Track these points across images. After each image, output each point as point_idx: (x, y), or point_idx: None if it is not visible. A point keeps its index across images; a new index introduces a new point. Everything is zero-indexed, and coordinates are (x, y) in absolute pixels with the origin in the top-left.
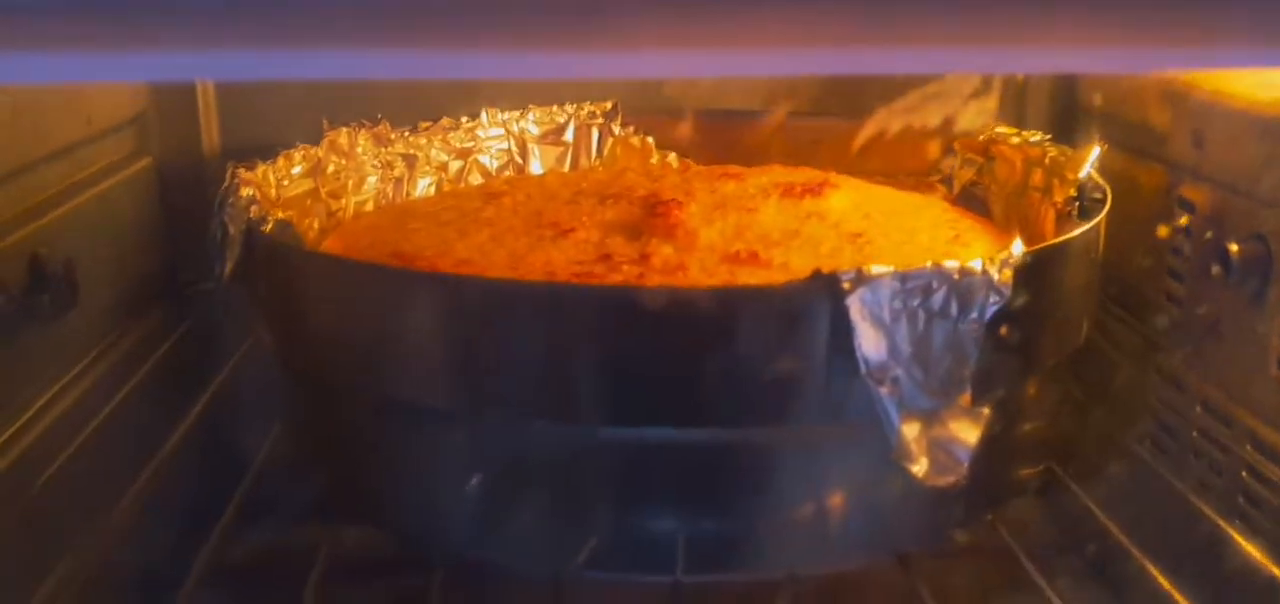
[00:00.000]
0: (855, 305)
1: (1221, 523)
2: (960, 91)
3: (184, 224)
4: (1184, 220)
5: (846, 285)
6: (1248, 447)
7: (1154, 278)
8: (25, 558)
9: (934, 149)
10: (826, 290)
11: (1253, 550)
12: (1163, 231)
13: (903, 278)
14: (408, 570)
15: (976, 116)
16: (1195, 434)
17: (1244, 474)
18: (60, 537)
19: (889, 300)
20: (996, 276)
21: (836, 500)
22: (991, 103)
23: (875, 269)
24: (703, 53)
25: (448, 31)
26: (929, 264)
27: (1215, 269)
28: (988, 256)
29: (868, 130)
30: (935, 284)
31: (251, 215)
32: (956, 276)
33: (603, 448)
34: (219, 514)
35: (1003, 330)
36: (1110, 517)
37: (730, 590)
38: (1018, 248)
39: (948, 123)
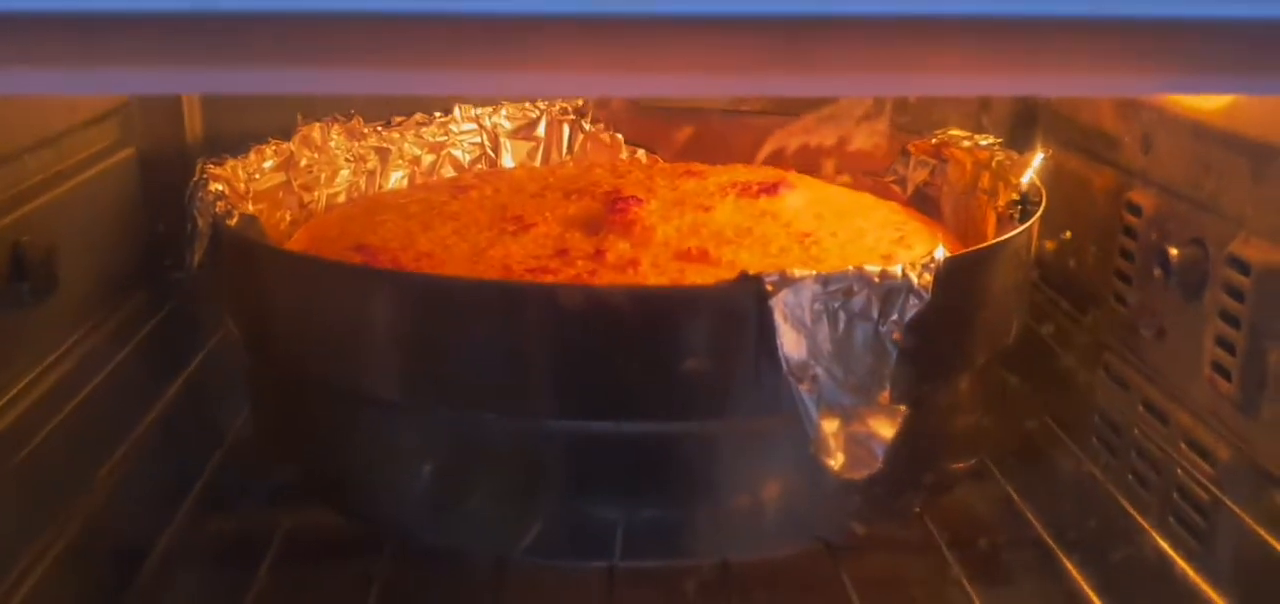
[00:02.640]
0: (778, 306)
1: (1145, 522)
2: (852, 114)
3: (165, 213)
4: (1133, 226)
5: (769, 287)
6: (1182, 445)
7: (1103, 279)
8: (3, 534)
9: (889, 152)
10: (752, 291)
11: (1177, 557)
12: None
13: (825, 280)
14: (360, 553)
15: (867, 138)
16: (1136, 432)
17: (1178, 471)
18: (38, 515)
19: (810, 302)
20: (917, 280)
21: (768, 491)
22: (882, 124)
23: (797, 272)
24: (618, 76)
25: (367, 52)
26: (851, 268)
27: (1156, 271)
28: (910, 261)
29: (768, 146)
30: (856, 287)
31: (217, 210)
32: (877, 280)
33: (549, 439)
34: (185, 495)
35: (924, 331)
36: (1036, 511)
37: (663, 576)
38: (940, 253)
39: (842, 142)
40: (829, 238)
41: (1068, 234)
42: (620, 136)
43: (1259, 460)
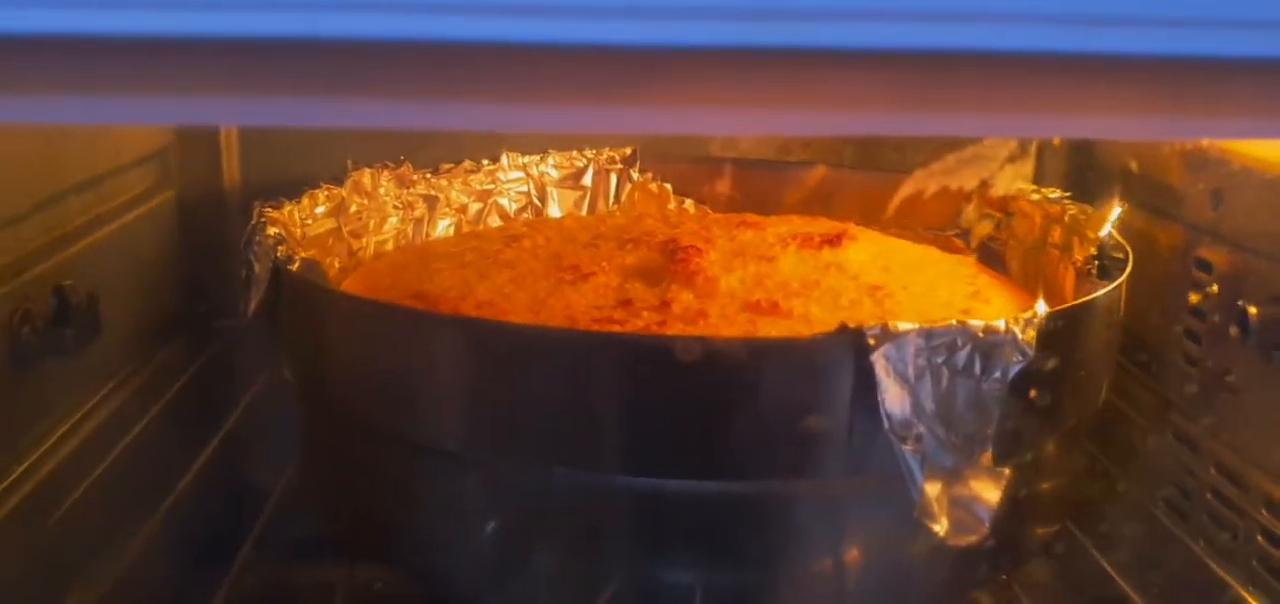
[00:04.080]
0: (880, 361)
1: (1235, 585)
2: (996, 156)
3: (204, 257)
4: (1203, 283)
5: (872, 341)
6: (1263, 510)
7: (1172, 339)
8: (43, 585)
9: (952, 204)
10: (852, 345)
11: None
12: (1194, 298)
13: (928, 335)
14: None
15: (1012, 180)
16: (1210, 496)
17: (1259, 538)
18: (78, 565)
19: (913, 357)
20: (1021, 336)
21: (855, 556)
22: (1027, 167)
23: (901, 325)
24: (747, 112)
25: (478, 85)
26: (954, 321)
27: (1233, 331)
28: (1012, 315)
29: (905, 190)
30: (960, 342)
31: (279, 254)
32: (981, 335)
33: (621, 496)
34: (236, 547)
35: (1026, 390)
36: (1125, 579)
37: None
38: (1042, 308)
39: (984, 186)
40: (901, 291)
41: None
42: (669, 186)
43: None
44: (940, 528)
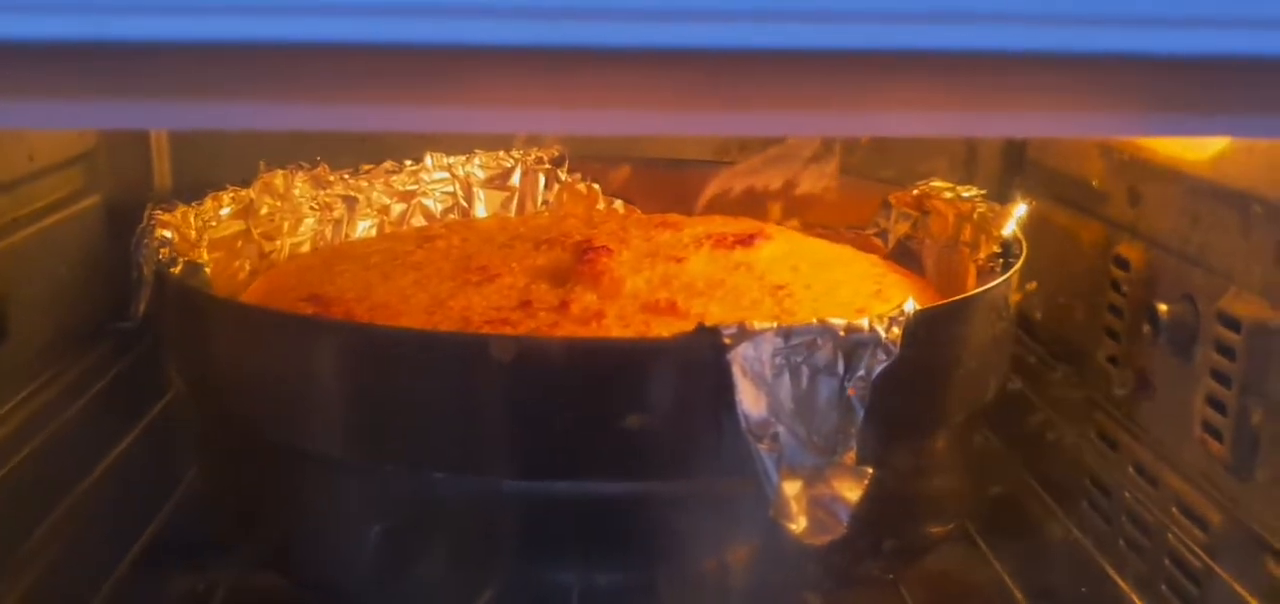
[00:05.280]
0: (737, 360)
1: (1127, 587)
2: (800, 154)
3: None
4: (1122, 281)
5: (727, 340)
6: (1174, 509)
7: (1093, 336)
8: None
9: (871, 204)
10: (709, 345)
11: None
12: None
13: (786, 334)
14: None
15: (816, 180)
16: (1128, 495)
17: (1170, 537)
18: None
19: (771, 356)
20: (884, 334)
21: (737, 556)
22: (831, 165)
23: (757, 324)
24: (550, 112)
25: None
26: (814, 320)
27: (1145, 328)
28: (877, 314)
29: (711, 190)
30: (820, 341)
31: (161, 257)
32: (842, 333)
33: (502, 500)
34: (126, 554)
35: (897, 387)
36: (1019, 579)
37: None
38: (910, 305)
39: (789, 186)
40: (803, 290)
41: (1032, 285)
42: (597, 187)
43: (1252, 526)
44: (797, 527)
